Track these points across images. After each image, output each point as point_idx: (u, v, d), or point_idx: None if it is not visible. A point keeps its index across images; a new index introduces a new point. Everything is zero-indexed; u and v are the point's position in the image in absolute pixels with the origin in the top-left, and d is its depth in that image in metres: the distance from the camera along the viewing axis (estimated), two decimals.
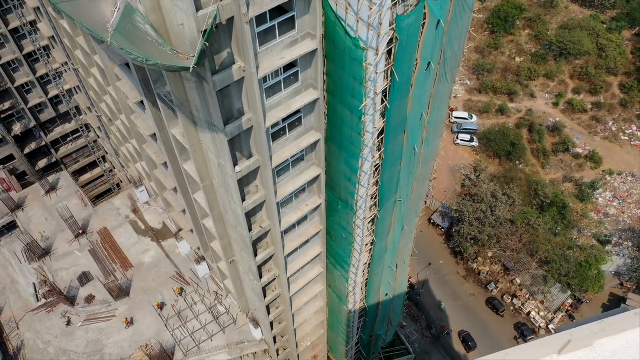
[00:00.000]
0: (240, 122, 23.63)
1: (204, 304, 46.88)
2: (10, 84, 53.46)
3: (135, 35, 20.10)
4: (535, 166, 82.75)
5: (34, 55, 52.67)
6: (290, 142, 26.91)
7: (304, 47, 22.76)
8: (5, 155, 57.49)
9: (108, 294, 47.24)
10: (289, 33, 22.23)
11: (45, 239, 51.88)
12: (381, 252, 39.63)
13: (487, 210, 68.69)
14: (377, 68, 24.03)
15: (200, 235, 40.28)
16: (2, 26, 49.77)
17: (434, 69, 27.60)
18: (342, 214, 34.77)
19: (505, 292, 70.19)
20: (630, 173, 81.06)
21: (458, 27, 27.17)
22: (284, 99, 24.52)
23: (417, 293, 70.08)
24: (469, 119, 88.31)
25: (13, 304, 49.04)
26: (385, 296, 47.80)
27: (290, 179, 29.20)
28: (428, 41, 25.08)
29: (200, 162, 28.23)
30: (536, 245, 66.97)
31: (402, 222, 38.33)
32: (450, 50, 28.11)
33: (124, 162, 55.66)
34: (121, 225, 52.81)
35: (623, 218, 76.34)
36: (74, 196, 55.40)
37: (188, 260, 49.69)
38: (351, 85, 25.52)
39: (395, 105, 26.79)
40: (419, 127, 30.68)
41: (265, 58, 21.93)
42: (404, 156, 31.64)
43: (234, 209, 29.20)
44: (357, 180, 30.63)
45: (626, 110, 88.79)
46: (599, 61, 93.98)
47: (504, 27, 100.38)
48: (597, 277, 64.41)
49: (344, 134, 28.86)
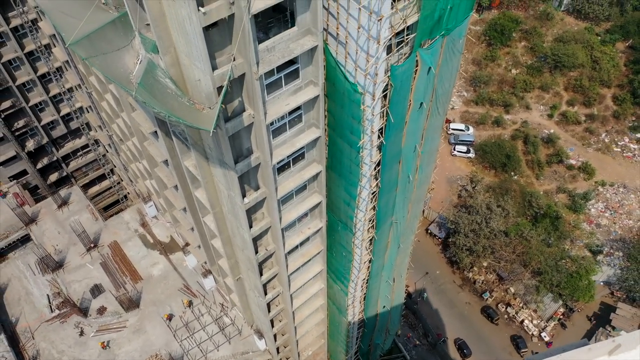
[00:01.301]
0: (249, 160, 26.03)
1: (211, 315, 49.26)
2: (25, 103, 55.88)
3: (156, 88, 22.52)
4: (530, 177, 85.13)
5: (47, 76, 55.05)
6: (294, 174, 29.32)
7: (308, 94, 25.15)
8: (18, 171, 59.88)
9: (119, 306, 49.62)
10: (294, 82, 24.63)
11: (58, 252, 54.23)
12: (378, 269, 42.02)
13: (482, 222, 71.06)
14: (373, 110, 26.42)
15: (207, 251, 42.66)
16: (18, 49, 52.11)
17: (426, 108, 30.00)
18: (342, 234, 37.17)
19: (500, 300, 72.55)
20: (622, 184, 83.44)
21: (448, 69, 29.56)
22: (289, 138, 26.92)
23: (415, 301, 72.45)
24: (466, 131, 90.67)
25: (28, 314, 51.38)
26: (383, 308, 50.19)
27: (293, 206, 31.59)
28: (420, 85, 27.47)
29: (211, 191, 30.60)
30: (529, 256, 69.37)
31: (398, 241, 40.72)
32: (441, 89, 30.51)
33: (133, 178, 58.03)
34: (130, 239, 55.17)
35: (614, 228, 78.69)
36: (85, 210, 57.77)
37: (195, 273, 52.04)
38: (350, 123, 27.91)
39: (390, 140, 29.17)
40: (413, 158, 33.07)
41: (272, 105, 24.33)
42: (399, 183, 34.01)
43: (241, 234, 31.60)
44: (355, 205, 33.01)
45: (619, 122, 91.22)
46: (593, 73, 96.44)
47: (501, 39, 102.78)
48: (588, 287, 66.78)
49: (344, 164, 31.24)
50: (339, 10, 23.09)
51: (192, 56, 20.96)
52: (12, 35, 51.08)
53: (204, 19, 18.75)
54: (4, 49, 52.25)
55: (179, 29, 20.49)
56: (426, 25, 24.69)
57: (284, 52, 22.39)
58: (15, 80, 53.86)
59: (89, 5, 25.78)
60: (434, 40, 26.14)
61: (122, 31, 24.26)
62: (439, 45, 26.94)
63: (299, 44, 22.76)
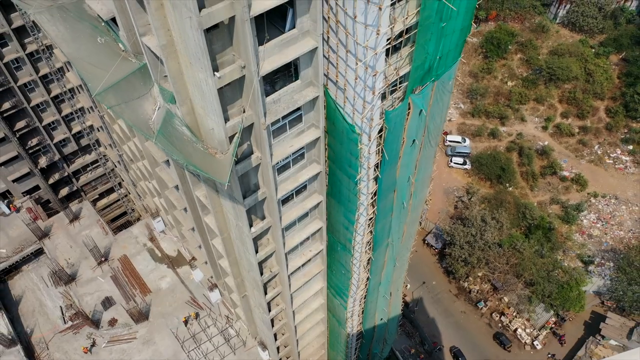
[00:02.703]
0: (256, 195, 28.57)
1: (216, 327, 51.78)
2: (39, 123, 58.44)
3: (174, 136, 25.07)
4: (524, 188, 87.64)
5: (60, 96, 57.63)
6: (296, 204, 31.83)
7: (309, 136, 27.66)
8: (32, 186, 62.46)
9: (129, 318, 52.10)
10: (297, 126, 27.15)
11: (71, 265, 56.77)
12: (376, 285, 44.54)
13: (477, 234, 73.56)
14: (369, 148, 28.93)
15: (214, 268, 45.15)
16: (33, 73, 54.65)
17: (419, 144, 32.53)
18: (341, 254, 39.68)
19: (494, 309, 75.06)
20: (614, 195, 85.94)
21: (439, 107, 32.11)
22: (292, 173, 29.44)
23: (412, 310, 74.97)
24: (462, 142, 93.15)
25: (42, 325, 53.90)
26: (380, 320, 52.71)
27: (296, 232, 34.11)
28: (412, 125, 30.01)
29: (220, 219, 33.09)
30: (522, 267, 71.89)
31: (394, 260, 43.25)
32: (433, 124, 33.06)
33: (141, 193, 60.55)
34: (139, 253, 57.69)
35: (606, 239, 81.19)
36: (95, 225, 60.30)
37: (201, 286, 54.56)
38: (348, 158, 30.41)
39: (385, 173, 31.69)
40: (407, 187, 35.60)
41: (278, 147, 26.84)
42: (395, 209, 36.53)
43: (248, 258, 34.12)
44: (354, 229, 35.52)
45: (611, 134, 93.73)
46: (587, 86, 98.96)
47: (497, 52, 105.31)
48: (578, 297, 69.29)
49: (343, 193, 33.74)
50: (338, 61, 25.60)
51: (207, 109, 23.48)
52: (27, 60, 53.61)
53: (219, 82, 21.30)
54: (5, 49, 53.94)
55: (195, 87, 23.01)
56: (417, 74, 27.23)
57: (289, 103, 24.92)
58: (29, 101, 56.41)
59: (110, 53, 28.35)
60: (425, 86, 28.68)
61: (142, 80, 26.79)
62: (430, 89, 29.47)
63: (302, 95, 25.30)
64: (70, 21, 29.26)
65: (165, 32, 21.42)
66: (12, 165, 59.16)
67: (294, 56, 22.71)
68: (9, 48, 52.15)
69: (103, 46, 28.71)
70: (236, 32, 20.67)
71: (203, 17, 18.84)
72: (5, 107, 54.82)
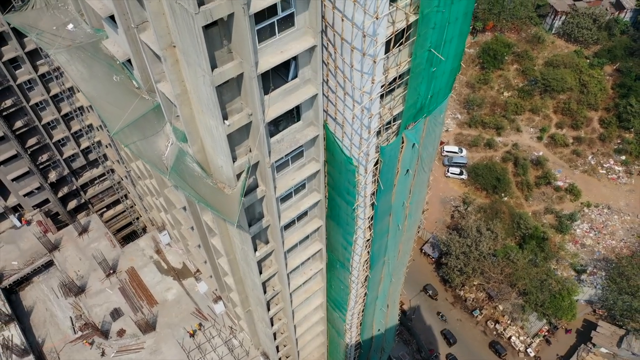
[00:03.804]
0: (261, 223, 30.79)
1: (220, 337, 53.96)
2: (49, 140, 60.66)
3: (186, 172, 27.30)
4: (519, 198, 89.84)
5: (69, 114, 59.85)
6: (298, 229, 34.05)
7: (310, 169, 29.87)
8: (42, 200, 64.68)
9: (137, 328, 54.27)
10: (299, 160, 29.36)
11: (80, 277, 58.94)
12: (373, 300, 46.75)
13: (472, 244, 75.77)
14: (366, 179, 31.13)
15: (218, 282, 47.35)
16: (44, 92, 56.87)
17: (412, 173, 34.73)
18: (340, 271, 41.88)
19: (489, 317, 77.27)
20: (606, 205, 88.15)
21: (431, 138, 34.30)
22: (294, 202, 31.65)
23: (409, 318, 77.18)
24: (459, 153, 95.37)
25: (53, 335, 56.08)
26: (378, 331, 54.91)
27: (297, 253, 36.33)
28: (406, 157, 32.21)
29: (226, 242, 35.29)
30: (515, 277, 74.12)
31: (390, 276, 45.45)
32: (426, 153, 35.24)
33: (148, 207, 62.75)
34: (146, 265, 59.87)
35: (598, 248, 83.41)
36: (103, 237, 62.48)
37: (206, 298, 56.74)
38: (346, 186, 32.60)
39: (381, 200, 33.88)
40: (402, 211, 37.80)
41: (281, 180, 29.04)
42: (390, 231, 38.72)
43: (252, 278, 36.33)
44: (352, 250, 37.73)
45: (604, 144, 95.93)
46: (581, 97, 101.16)
47: (494, 63, 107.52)
48: (570, 307, 71.51)
49: (341, 216, 35.94)
50: (336, 101, 27.80)
51: (216, 149, 25.70)
52: (39, 81, 55.82)
53: (228, 129, 23.51)
54: (19, 71, 55.85)
55: (206, 130, 25.23)
56: (410, 113, 29.43)
57: (291, 142, 27.12)
58: (41, 120, 58.65)
59: (125, 91, 30.58)
60: (417, 122, 30.88)
61: (156, 119, 29.02)
62: (422, 123, 31.66)
63: (303, 134, 27.50)
64: (87, 61, 31.47)
65: (180, 83, 23.67)
66: (24, 180, 61.35)
67: (297, 103, 24.94)
68: (22, 70, 54.32)
69: (118, 84, 30.93)
70: (244, 85, 22.89)
71: (215, 77, 21.07)
72: (18, 125, 57.01)
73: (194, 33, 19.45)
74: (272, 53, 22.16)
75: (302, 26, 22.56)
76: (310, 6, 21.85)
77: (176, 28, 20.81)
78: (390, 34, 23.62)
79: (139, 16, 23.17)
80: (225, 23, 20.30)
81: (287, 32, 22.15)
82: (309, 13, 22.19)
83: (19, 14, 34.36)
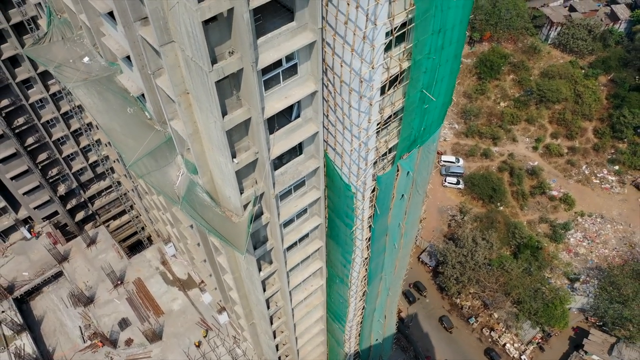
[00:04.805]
0: (265, 247, 32.94)
1: (225, 347, 56.13)
2: (59, 155, 62.83)
3: (196, 202, 29.45)
4: (514, 207, 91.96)
5: (78, 130, 62.04)
6: (300, 250, 36.21)
7: (311, 197, 32.02)
8: (51, 212, 66.84)
9: (144, 338, 56.47)
10: (301, 188, 31.51)
11: (89, 288, 61.13)
12: (371, 312, 48.91)
13: (468, 255, 77.94)
14: (363, 205, 33.30)
15: (223, 294, 49.48)
16: (55, 111, 59.08)
17: (407, 197, 36.89)
18: (340, 286, 44.02)
19: (484, 325, 79.41)
20: (600, 215, 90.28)
21: (425, 164, 36.44)
22: (296, 226, 33.80)
23: (407, 326, 79.32)
24: (456, 163, 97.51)
25: (63, 344, 58.27)
26: (376, 341, 57.09)
27: (299, 271, 38.47)
28: (401, 184, 34.37)
29: (232, 262, 37.43)
30: (510, 286, 76.29)
31: (387, 290, 47.62)
32: (420, 178, 37.41)
33: (154, 219, 64.89)
34: (152, 276, 62.07)
35: (591, 257, 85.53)
36: (111, 249, 64.70)
37: (210, 308, 58.90)
38: (345, 210, 34.76)
39: (378, 223, 36.02)
40: (397, 231, 39.95)
41: (284, 208, 31.20)
42: (387, 249, 40.88)
43: (256, 295, 38.48)
44: (350, 267, 39.86)
45: (598, 154, 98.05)
46: (576, 107, 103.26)
47: (490, 73, 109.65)
48: (562, 315, 73.65)
49: (340, 237, 38.09)
50: (336, 134, 29.94)
51: (225, 182, 27.86)
52: (50, 99, 57.99)
53: (236, 166, 25.67)
54: (31, 91, 57.97)
55: (215, 165, 27.38)
56: (404, 145, 31.58)
57: (294, 174, 29.28)
58: (51, 136, 60.84)
59: (138, 122, 32.75)
60: (412, 152, 33.03)
61: (168, 150, 31.17)
62: (416, 152, 33.83)
63: (305, 166, 29.65)
64: (103, 93, 33.63)
65: (192, 124, 25.83)
66: (34, 194, 63.52)
67: (299, 140, 27.11)
68: (34, 90, 56.49)
69: (132, 116, 33.09)
70: (251, 128, 25.04)
71: (225, 122, 23.24)
72: (30, 142, 59.18)
73: (207, 86, 21.63)
74: (277, 99, 24.34)
75: (305, 74, 24.74)
76: (312, 56, 24.02)
77: (190, 79, 22.95)
78: (385, 79, 25.78)
79: (155, 64, 25.28)
80: (235, 75, 22.47)
81: (291, 79, 24.36)
82: (310, 62, 24.36)
83: (38, 47, 36.47)
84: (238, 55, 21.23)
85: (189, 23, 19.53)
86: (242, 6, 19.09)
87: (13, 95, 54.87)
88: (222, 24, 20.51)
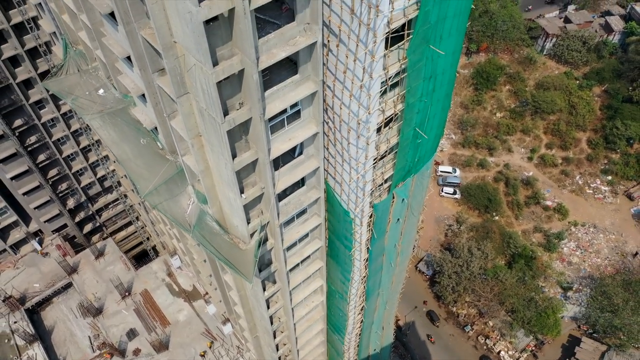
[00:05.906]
0: (270, 269, 35.29)
1: (229, 357, 58.44)
2: (68, 170, 65.19)
3: (206, 230, 31.78)
4: (510, 217, 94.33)
5: (87, 147, 64.40)
6: (302, 270, 38.55)
7: (313, 223, 34.34)
8: (60, 225, 69.20)
9: (152, 348, 58.75)
10: (303, 216, 33.85)
11: (98, 299, 63.43)
12: (369, 325, 51.26)
13: (464, 265, 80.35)
14: (361, 230, 35.65)
15: (227, 305, 51.78)
16: (65, 129, 61.44)
17: (403, 221, 39.24)
18: (339, 301, 46.33)
19: (480, 333, 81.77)
20: (593, 224, 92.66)
21: (420, 189, 38.79)
22: (298, 249, 36.14)
23: (404, 333, 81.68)
24: (453, 173, 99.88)
25: (73, 353, 60.54)
26: (374, 350, 59.42)
27: (301, 289, 40.79)
28: (397, 209, 36.72)
29: (238, 281, 39.75)
30: (504, 295, 78.70)
31: (384, 304, 49.97)
32: (415, 202, 39.75)
33: (159, 232, 67.20)
34: (159, 287, 64.36)
35: (584, 266, 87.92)
36: (118, 261, 66.99)
37: (215, 319, 61.20)
38: (344, 233, 37.08)
39: (375, 246, 38.36)
40: (394, 251, 42.31)
41: (287, 234, 33.52)
42: (384, 268, 43.22)
43: (260, 312, 40.81)
44: (349, 285, 42.19)
45: (592, 165, 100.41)
46: (570, 118, 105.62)
47: (486, 84, 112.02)
48: (555, 324, 76.06)
49: (339, 257, 40.39)
50: (335, 165, 32.27)
51: (233, 213, 30.18)
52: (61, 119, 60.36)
53: (244, 201, 28.01)
54: (43, 111, 60.25)
55: (224, 198, 29.72)
56: (399, 176, 33.92)
57: (297, 204, 31.60)
58: (62, 153, 63.21)
59: (151, 153, 35.06)
60: (406, 181, 35.38)
61: (179, 180, 33.51)
62: (410, 181, 36.19)
63: (307, 197, 31.98)
64: (118, 125, 35.93)
65: (204, 162, 28.16)
66: (45, 208, 65.84)
67: (302, 175, 29.44)
68: (46, 110, 58.86)
69: (145, 147, 35.40)
70: (258, 166, 27.38)
71: (235, 164, 25.57)
72: (41, 159, 61.53)
73: (219, 134, 23.96)
74: (282, 141, 26.66)
75: (307, 117, 27.08)
76: (314, 103, 26.36)
77: (203, 125, 25.29)
78: (381, 120, 28.12)
79: (170, 108, 27.62)
80: (244, 123, 24.80)
81: (294, 123, 26.69)
82: (312, 107, 26.70)
83: (55, 80, 38.75)
84: (247, 107, 23.56)
85: (204, 82, 21.85)
86: (251, 68, 21.42)
87: (26, 115, 57.25)
88: (234, 80, 22.84)
